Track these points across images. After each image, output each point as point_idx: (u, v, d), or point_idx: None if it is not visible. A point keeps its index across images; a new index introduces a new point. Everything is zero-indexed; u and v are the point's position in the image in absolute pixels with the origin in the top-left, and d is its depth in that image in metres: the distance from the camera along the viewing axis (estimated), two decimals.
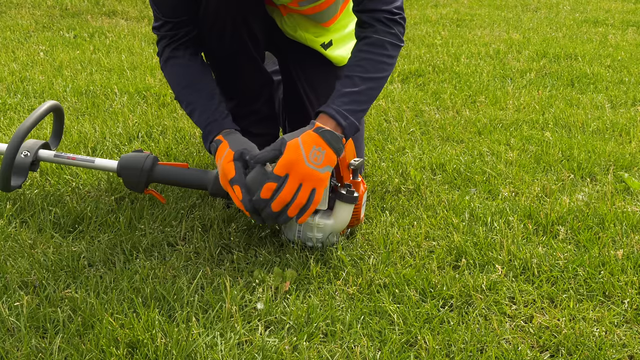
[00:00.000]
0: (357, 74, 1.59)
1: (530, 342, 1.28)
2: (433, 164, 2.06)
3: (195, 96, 1.69)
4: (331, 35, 1.89)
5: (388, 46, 1.61)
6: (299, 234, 1.57)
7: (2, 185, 1.70)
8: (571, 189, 1.91)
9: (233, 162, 1.52)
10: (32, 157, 1.75)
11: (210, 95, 1.69)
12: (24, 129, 1.71)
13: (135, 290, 1.39)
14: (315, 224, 1.55)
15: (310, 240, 1.57)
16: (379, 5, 1.59)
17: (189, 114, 1.70)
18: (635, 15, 5.04)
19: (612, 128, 2.43)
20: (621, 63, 3.44)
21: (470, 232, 1.65)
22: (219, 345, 1.23)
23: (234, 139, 1.60)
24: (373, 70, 1.59)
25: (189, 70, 1.72)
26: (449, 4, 5.50)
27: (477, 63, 3.42)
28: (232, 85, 1.88)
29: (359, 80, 1.58)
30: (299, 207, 1.48)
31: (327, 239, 1.57)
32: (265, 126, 1.96)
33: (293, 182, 1.47)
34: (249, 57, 1.82)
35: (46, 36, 3.84)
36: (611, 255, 1.54)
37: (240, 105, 1.92)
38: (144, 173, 1.66)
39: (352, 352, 1.24)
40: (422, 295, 1.41)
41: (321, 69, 1.93)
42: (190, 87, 1.70)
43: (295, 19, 1.84)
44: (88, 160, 1.76)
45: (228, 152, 1.55)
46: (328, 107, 1.56)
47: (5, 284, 1.40)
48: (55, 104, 1.86)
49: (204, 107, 1.67)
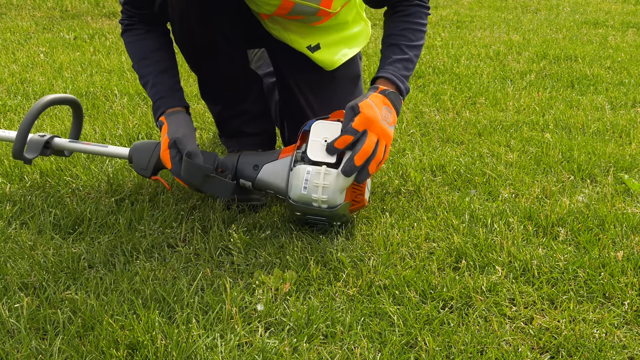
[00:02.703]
0: (402, 42, 1.73)
1: (530, 344, 1.28)
2: (433, 166, 2.06)
3: (149, 69, 1.76)
4: (319, 39, 1.87)
5: (423, 15, 1.78)
6: (305, 184, 1.56)
7: (15, 151, 1.75)
8: (571, 190, 1.91)
9: (168, 150, 1.62)
10: (47, 138, 1.81)
11: (162, 69, 1.76)
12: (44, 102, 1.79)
13: (135, 292, 1.39)
14: (324, 169, 1.55)
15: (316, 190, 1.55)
16: None
17: (143, 85, 1.78)
18: (635, 16, 5.04)
19: (612, 129, 2.44)
20: (621, 64, 3.44)
21: (470, 233, 1.65)
22: (219, 346, 1.23)
23: (173, 121, 1.67)
24: (415, 39, 1.75)
25: (145, 42, 1.78)
26: (449, 6, 5.50)
27: (477, 64, 3.42)
28: (214, 86, 1.88)
29: (406, 48, 1.73)
30: (377, 161, 1.56)
31: (331, 194, 1.55)
32: (259, 124, 1.94)
33: (372, 137, 1.55)
34: (225, 57, 1.81)
35: (46, 38, 3.84)
36: (611, 256, 1.54)
37: (228, 107, 1.91)
38: (154, 157, 1.70)
39: (352, 353, 1.24)
40: (422, 296, 1.41)
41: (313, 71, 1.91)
42: (146, 59, 1.77)
43: (278, 20, 1.83)
44: (101, 146, 1.82)
45: (165, 138, 1.64)
46: (386, 72, 1.69)
47: (6, 285, 1.40)
48: (75, 99, 1.93)
49: (154, 80, 1.74)
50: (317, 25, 1.86)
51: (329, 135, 1.59)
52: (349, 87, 1.97)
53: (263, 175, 1.64)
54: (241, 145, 1.93)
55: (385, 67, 1.70)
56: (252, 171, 1.65)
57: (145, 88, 1.77)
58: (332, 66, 1.89)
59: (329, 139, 1.58)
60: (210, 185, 1.61)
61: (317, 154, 1.58)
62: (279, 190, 1.64)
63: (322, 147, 1.58)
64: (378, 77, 1.70)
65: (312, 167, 1.57)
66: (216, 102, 1.92)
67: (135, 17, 1.77)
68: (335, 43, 1.91)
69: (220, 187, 1.62)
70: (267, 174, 1.64)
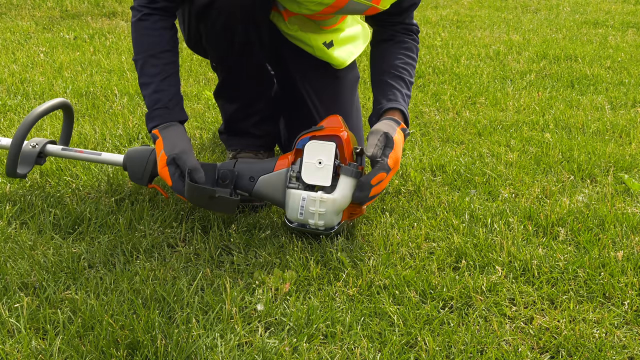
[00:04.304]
0: (406, 77, 1.82)
1: (530, 344, 1.27)
2: (433, 166, 2.06)
3: (155, 70, 1.68)
4: (331, 37, 1.91)
5: (417, 52, 1.89)
6: (301, 210, 1.56)
7: (8, 170, 1.72)
8: (571, 190, 1.91)
9: (167, 167, 1.59)
10: (40, 148, 1.78)
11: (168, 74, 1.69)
12: (34, 115, 1.75)
13: (135, 292, 1.39)
14: (319, 197, 1.55)
15: (313, 216, 1.56)
16: (412, 21, 1.89)
17: (142, 84, 1.69)
18: (635, 16, 5.04)
19: (612, 129, 2.44)
20: (621, 64, 3.44)
21: (470, 233, 1.65)
22: (219, 346, 1.23)
23: (168, 136, 1.63)
24: (413, 74, 1.86)
25: (160, 39, 1.70)
26: (449, 6, 5.50)
27: (477, 64, 3.42)
28: (236, 84, 1.88)
29: (409, 83, 1.83)
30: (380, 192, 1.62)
31: (328, 218, 1.56)
32: (267, 126, 1.96)
33: (391, 174, 1.61)
34: (254, 55, 1.81)
35: (46, 37, 3.84)
36: (611, 256, 1.54)
37: (245, 107, 1.91)
38: (149, 166, 1.68)
39: (352, 353, 1.24)
40: (422, 296, 1.41)
41: (321, 72, 1.94)
42: (155, 57, 1.68)
43: (297, 21, 1.84)
44: (95, 154, 1.79)
45: (162, 154, 1.61)
46: (401, 105, 1.76)
47: (6, 285, 1.40)
48: (66, 102, 1.89)
49: (158, 87, 1.67)
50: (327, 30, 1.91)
51: (323, 157, 1.57)
52: (351, 88, 2.00)
53: (259, 188, 1.63)
54: (244, 146, 1.94)
55: (399, 99, 1.76)
56: (249, 183, 1.63)
57: (144, 89, 1.69)
58: (343, 64, 1.93)
59: (323, 160, 1.57)
60: (215, 204, 1.59)
61: (311, 177, 1.57)
62: (276, 203, 1.65)
63: (316, 169, 1.57)
64: (395, 108, 1.74)
65: (307, 193, 1.56)
66: (233, 100, 1.92)
67: (158, 5, 1.69)
68: (343, 41, 1.96)
69: (224, 205, 1.59)
70: (264, 187, 1.63)
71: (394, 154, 1.60)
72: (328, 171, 1.56)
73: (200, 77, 3.07)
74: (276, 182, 1.62)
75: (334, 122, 1.65)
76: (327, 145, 1.58)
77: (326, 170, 1.56)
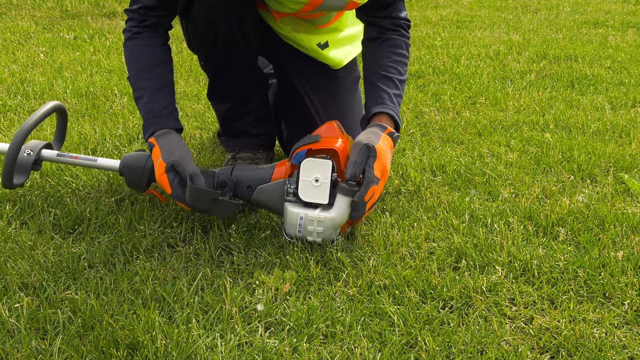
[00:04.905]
0: (395, 76, 1.77)
1: (530, 344, 1.28)
2: (433, 166, 2.06)
3: (147, 83, 1.69)
4: (326, 37, 1.90)
5: (407, 48, 1.83)
6: (299, 228, 1.57)
7: (5, 182, 1.71)
8: (571, 190, 1.91)
9: (165, 174, 1.57)
10: (35, 156, 1.77)
11: (160, 86, 1.70)
12: (27, 126, 1.73)
13: (135, 292, 1.39)
14: (316, 216, 1.55)
15: (311, 234, 1.56)
16: (400, 14, 1.81)
17: (136, 99, 1.71)
18: (635, 16, 5.04)
19: (612, 129, 2.43)
20: (621, 64, 3.44)
21: (471, 233, 1.65)
22: (219, 346, 1.23)
23: (165, 144, 1.62)
24: (403, 72, 1.81)
25: (151, 54, 1.72)
26: (449, 6, 5.50)
27: (477, 64, 3.42)
28: (225, 84, 1.88)
29: (399, 82, 1.77)
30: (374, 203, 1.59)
31: (327, 234, 1.56)
32: (263, 126, 1.96)
33: (382, 184, 1.59)
34: (241, 54, 1.82)
35: (46, 37, 3.84)
36: (611, 256, 1.54)
37: (237, 106, 1.92)
38: (146, 172, 1.67)
39: (352, 353, 1.24)
40: (422, 296, 1.41)
41: (318, 71, 1.93)
42: (146, 71, 1.70)
43: (289, 21, 1.84)
44: (90, 159, 1.77)
45: (160, 162, 1.59)
46: (387, 107, 1.72)
47: (6, 285, 1.40)
48: (58, 104, 1.87)
49: (150, 97, 1.68)
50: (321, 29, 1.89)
51: (319, 175, 1.56)
52: (351, 87, 2.00)
53: (257, 197, 1.63)
54: (242, 146, 1.94)
55: (386, 102, 1.73)
56: (246, 191, 1.63)
57: (138, 103, 1.70)
58: (339, 64, 1.92)
59: (320, 178, 1.56)
60: (216, 208, 1.58)
61: (308, 195, 1.57)
62: (274, 212, 1.65)
63: (313, 187, 1.56)
64: (382, 112, 1.71)
65: (305, 212, 1.55)
66: (225, 100, 1.92)
67: (148, 23, 1.70)
68: (341, 42, 1.94)
69: (225, 209, 1.59)
70: (261, 197, 1.62)
71: (379, 163, 1.57)
72: (325, 189, 1.56)
73: (200, 77, 3.07)
74: (273, 193, 1.61)
75: (331, 130, 1.63)
76: (324, 163, 1.57)
77: (323, 188, 1.56)
